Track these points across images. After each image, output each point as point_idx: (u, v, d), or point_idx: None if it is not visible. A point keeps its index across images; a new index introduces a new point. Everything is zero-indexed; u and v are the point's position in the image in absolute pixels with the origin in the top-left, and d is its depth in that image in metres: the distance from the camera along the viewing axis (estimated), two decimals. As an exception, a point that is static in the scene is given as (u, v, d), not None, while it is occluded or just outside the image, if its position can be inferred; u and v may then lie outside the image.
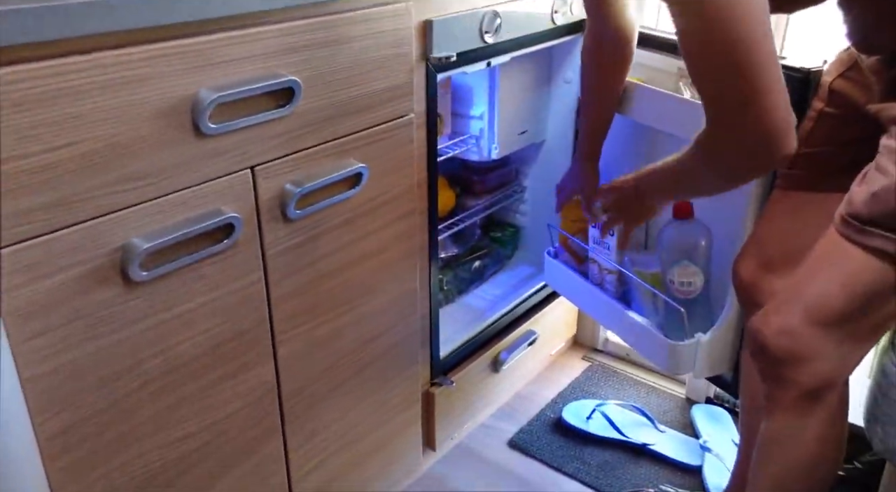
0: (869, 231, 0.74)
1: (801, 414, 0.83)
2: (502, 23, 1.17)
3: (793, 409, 0.83)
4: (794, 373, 0.80)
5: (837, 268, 0.77)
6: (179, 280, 0.82)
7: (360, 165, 0.98)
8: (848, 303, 0.77)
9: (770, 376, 0.84)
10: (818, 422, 0.83)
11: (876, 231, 0.74)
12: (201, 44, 0.76)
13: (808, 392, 0.81)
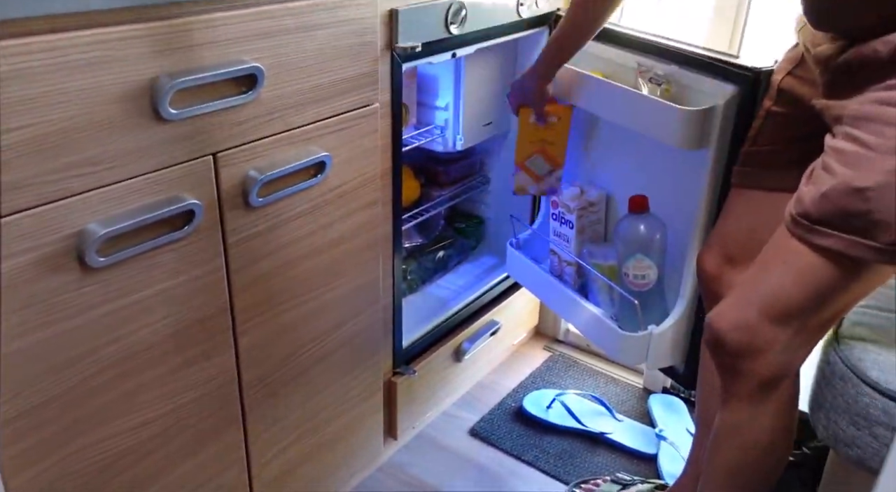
0: (819, 230, 0.76)
1: (755, 404, 0.86)
2: (468, 14, 1.17)
3: (747, 399, 0.86)
4: (749, 365, 0.83)
5: (790, 265, 0.80)
6: (138, 267, 0.81)
7: (324, 154, 0.98)
8: (801, 299, 0.79)
9: (726, 369, 0.87)
10: (771, 412, 0.86)
11: (826, 230, 0.76)
12: (163, 28, 0.75)
13: (762, 383, 0.84)
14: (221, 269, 0.91)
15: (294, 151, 0.95)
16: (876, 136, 0.72)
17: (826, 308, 0.81)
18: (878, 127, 0.72)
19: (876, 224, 0.73)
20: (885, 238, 0.72)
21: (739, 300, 0.84)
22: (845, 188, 0.74)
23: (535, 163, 1.35)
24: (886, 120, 0.71)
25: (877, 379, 0.81)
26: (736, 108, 1.02)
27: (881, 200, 0.72)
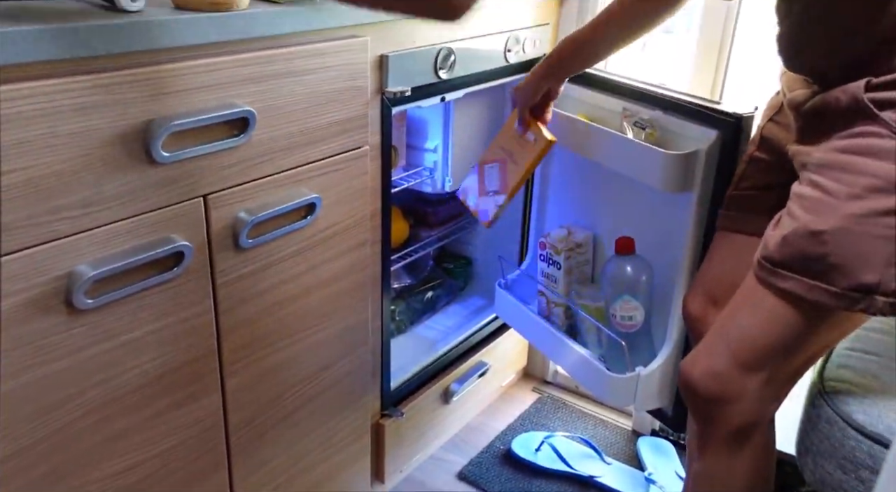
0: (780, 273, 0.77)
1: (730, 451, 0.86)
2: (456, 60, 1.20)
3: (723, 446, 0.86)
4: (721, 413, 0.83)
5: (757, 311, 0.81)
6: (126, 308, 0.81)
7: (314, 195, 0.99)
8: (770, 345, 0.80)
9: (700, 415, 0.87)
10: (747, 458, 0.86)
11: (787, 273, 0.77)
12: (156, 73, 0.76)
13: (736, 431, 0.84)
14: (210, 310, 0.91)
15: (284, 192, 0.95)
16: (836, 182, 0.74)
17: (796, 354, 0.81)
18: (839, 174, 0.73)
19: (833, 268, 0.74)
20: (842, 283, 0.74)
21: (711, 347, 0.85)
22: (804, 232, 0.75)
23: (491, 173, 1.26)
24: (846, 167, 0.73)
25: (862, 423, 0.81)
26: (718, 153, 1.05)
27: (838, 244, 0.73)
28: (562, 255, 1.28)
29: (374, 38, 1.03)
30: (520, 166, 1.19)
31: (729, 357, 0.82)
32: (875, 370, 0.90)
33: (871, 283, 0.73)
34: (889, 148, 0.70)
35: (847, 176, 0.73)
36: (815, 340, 0.81)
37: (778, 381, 0.83)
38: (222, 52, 0.83)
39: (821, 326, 0.79)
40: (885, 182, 0.70)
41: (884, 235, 0.71)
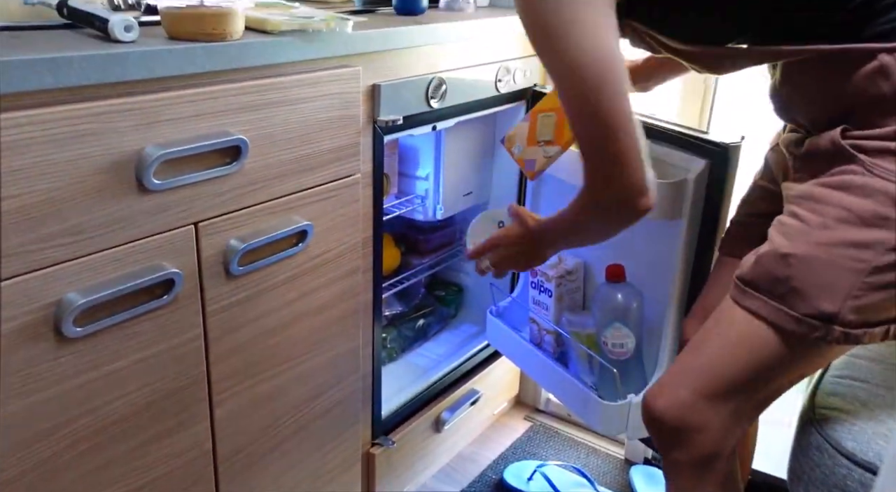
0: (749, 293, 0.79)
1: (695, 479, 0.86)
2: (448, 89, 1.21)
3: (688, 474, 0.86)
4: (684, 443, 0.84)
5: (725, 336, 0.82)
6: (115, 336, 0.80)
7: (306, 223, 0.99)
8: (734, 375, 0.81)
9: (662, 445, 0.87)
10: (712, 485, 0.86)
11: (754, 293, 0.78)
12: (149, 102, 0.77)
13: (699, 460, 0.84)
14: (200, 338, 0.90)
15: (276, 220, 0.96)
16: (810, 212, 0.76)
17: (760, 385, 0.82)
18: (814, 205, 0.76)
19: (796, 292, 0.75)
20: (802, 308, 0.75)
21: (675, 376, 0.86)
22: (774, 254, 0.77)
23: (546, 121, 1.16)
24: (821, 199, 0.75)
25: (852, 450, 0.81)
26: (707, 181, 1.06)
27: (802, 268, 0.74)
28: (552, 282, 1.29)
29: (366, 68, 1.05)
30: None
31: (693, 387, 0.82)
32: (864, 397, 0.90)
33: (830, 311, 0.74)
34: (861, 184, 0.72)
35: (820, 207, 0.75)
36: (781, 370, 0.81)
37: (742, 411, 0.83)
38: (216, 81, 0.84)
39: (785, 355, 0.79)
40: (854, 215, 0.72)
41: (848, 267, 0.73)
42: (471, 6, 1.36)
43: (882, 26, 0.70)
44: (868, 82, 0.72)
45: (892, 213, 0.70)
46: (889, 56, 0.70)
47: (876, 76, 0.71)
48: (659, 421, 0.85)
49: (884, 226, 0.71)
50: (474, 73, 1.27)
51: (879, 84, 0.71)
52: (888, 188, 0.70)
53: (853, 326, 0.74)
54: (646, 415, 0.87)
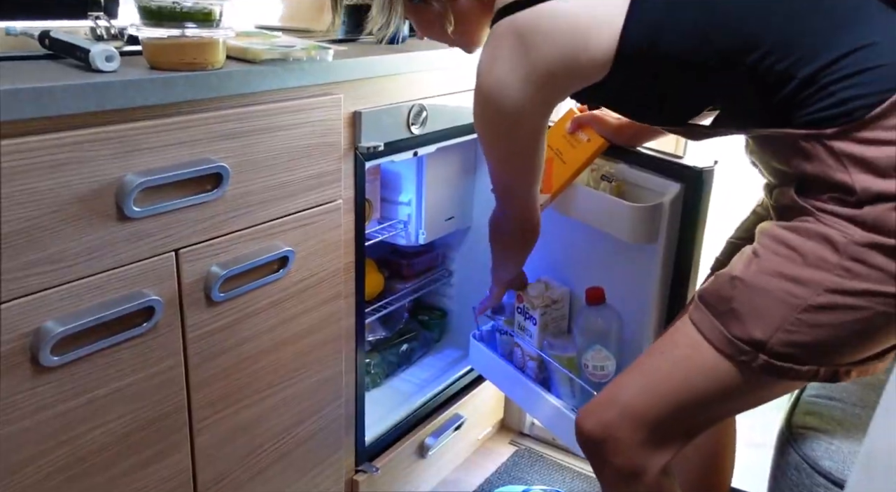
0: (699, 307, 0.82)
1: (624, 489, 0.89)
2: (428, 116, 1.23)
3: (615, 486, 0.90)
4: (605, 457, 0.87)
5: (666, 354, 0.85)
6: (94, 365, 0.80)
7: (287, 249, 0.99)
8: (666, 397, 0.83)
9: (588, 457, 0.91)
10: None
11: (702, 307, 0.82)
12: (130, 130, 0.78)
13: (624, 475, 0.87)
14: (180, 365, 0.90)
15: (257, 246, 0.96)
16: (765, 248, 0.80)
17: (690, 410, 0.83)
18: (770, 242, 0.79)
19: (733, 313, 0.78)
20: (734, 330, 0.78)
21: (609, 396, 0.88)
22: (726, 275, 0.81)
23: None
24: (778, 237, 0.79)
25: (829, 469, 0.82)
26: (682, 205, 1.08)
27: (745, 292, 0.78)
28: (538, 310, 1.29)
29: (348, 96, 1.06)
30: (569, 165, 1.17)
31: (623, 407, 0.85)
32: (839, 416, 0.91)
33: (759, 338, 0.77)
34: (808, 228, 0.76)
35: (774, 244, 0.79)
36: (710, 396, 0.82)
37: (670, 435, 0.86)
38: (197, 109, 0.85)
39: (717, 380, 0.81)
40: (797, 254, 0.76)
41: (783, 299, 0.76)
42: (451, 35, 1.38)
43: (810, 116, 0.75)
44: (795, 161, 0.78)
45: (830, 256, 0.74)
46: (807, 143, 0.75)
47: (799, 157, 0.77)
48: (584, 437, 0.89)
49: (822, 267, 0.74)
50: (454, 99, 1.29)
51: (803, 165, 0.77)
52: (829, 234, 0.74)
53: (780, 359, 0.77)
54: (576, 433, 0.91)
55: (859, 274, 0.73)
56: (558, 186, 1.18)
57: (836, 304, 0.74)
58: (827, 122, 0.74)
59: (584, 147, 1.17)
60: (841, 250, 0.73)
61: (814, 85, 0.75)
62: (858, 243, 0.73)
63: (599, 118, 1.16)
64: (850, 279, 0.73)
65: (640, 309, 1.17)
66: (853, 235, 0.73)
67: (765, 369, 0.77)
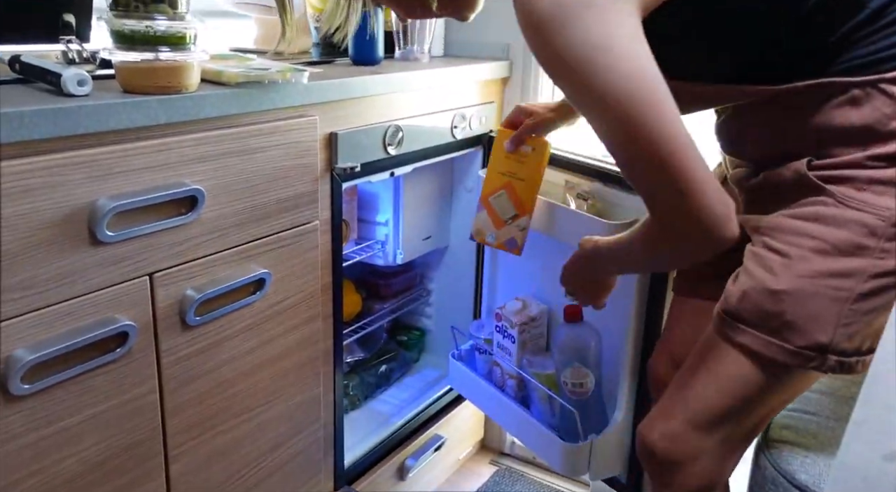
0: (739, 328, 0.80)
1: None
2: (404, 136, 1.24)
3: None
4: (679, 475, 0.84)
5: (712, 369, 0.83)
6: (66, 392, 0.78)
7: (264, 271, 0.99)
8: (724, 404, 0.82)
9: (658, 479, 0.88)
10: None
11: (745, 328, 0.79)
12: (102, 154, 0.77)
13: (694, 488, 0.85)
14: (154, 391, 0.89)
15: (233, 269, 0.95)
16: (787, 245, 0.78)
17: (750, 413, 0.83)
18: (790, 237, 0.78)
19: (789, 326, 0.77)
20: (796, 341, 0.76)
21: (666, 409, 0.86)
22: (762, 289, 0.78)
23: (500, 201, 1.18)
24: (796, 231, 0.77)
25: (805, 482, 0.83)
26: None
27: (793, 303, 0.76)
28: (516, 328, 1.30)
29: (324, 117, 1.06)
30: (528, 181, 1.16)
31: (685, 419, 0.83)
32: (814, 430, 0.92)
33: (824, 342, 0.76)
34: (833, 215, 0.75)
35: (797, 239, 0.77)
36: (769, 399, 0.82)
37: (733, 441, 0.84)
38: (171, 132, 0.85)
39: (775, 384, 0.81)
40: (831, 246, 0.75)
41: (831, 296, 0.75)
42: (425, 56, 1.39)
43: (871, 56, 0.73)
44: (836, 113, 0.74)
45: (868, 241, 0.73)
46: (860, 90, 0.73)
47: (846, 108, 0.74)
48: (651, 453, 0.86)
49: (861, 254, 0.74)
50: (430, 120, 1.30)
51: (848, 114, 0.74)
52: (862, 218, 0.73)
53: (847, 355, 0.76)
54: (640, 448, 0.88)
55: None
56: (530, 202, 1.17)
57: (883, 286, 0.74)
58: (888, 62, 0.71)
59: (532, 158, 1.16)
60: (880, 234, 0.72)
61: (881, 19, 0.71)
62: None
63: (532, 112, 1.13)
64: (890, 259, 0.72)
65: (619, 325, 1.18)
66: (890, 215, 0.72)
67: (835, 369, 0.76)
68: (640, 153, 0.68)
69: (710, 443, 0.83)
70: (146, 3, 0.82)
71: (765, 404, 0.83)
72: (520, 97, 1.50)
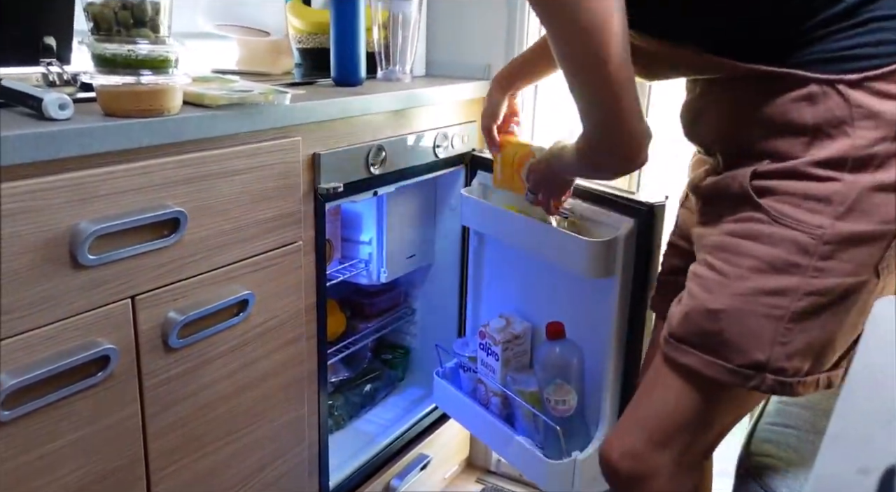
0: (682, 349, 0.81)
1: None
2: (387, 156, 1.25)
3: None
4: (639, 490, 0.86)
5: (664, 388, 0.84)
6: (46, 418, 0.78)
7: (247, 292, 0.99)
8: (677, 423, 0.83)
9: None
10: None
11: (688, 349, 0.81)
12: (84, 177, 0.77)
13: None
14: (137, 414, 0.88)
15: (216, 290, 0.95)
16: (725, 263, 0.79)
17: (703, 431, 0.84)
18: (727, 255, 0.79)
19: (727, 345, 0.78)
20: (735, 359, 0.77)
21: (625, 428, 0.88)
22: (701, 309, 0.79)
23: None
24: (733, 249, 0.78)
25: (787, 496, 0.84)
26: (636, 239, 1.11)
27: (730, 321, 0.77)
28: (499, 346, 1.30)
29: (306, 138, 1.07)
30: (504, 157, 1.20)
31: (642, 437, 0.84)
32: (795, 444, 0.93)
33: (761, 360, 0.76)
34: (768, 233, 0.76)
35: (734, 257, 0.78)
36: (721, 415, 0.84)
37: (691, 456, 0.85)
38: (153, 155, 0.85)
39: (724, 401, 0.82)
40: (764, 264, 0.76)
41: (767, 314, 0.76)
42: (407, 76, 1.41)
43: (836, 53, 0.73)
44: (792, 107, 0.75)
45: (800, 260, 0.74)
46: (818, 86, 0.73)
47: (802, 103, 0.74)
48: (614, 471, 0.87)
49: (795, 272, 0.74)
50: (413, 139, 1.31)
51: (803, 110, 0.74)
52: (795, 236, 0.74)
53: (787, 375, 0.77)
54: (602, 467, 0.89)
55: (833, 270, 0.73)
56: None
57: (819, 304, 0.74)
58: (851, 61, 0.71)
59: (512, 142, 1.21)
60: (812, 252, 0.73)
61: (854, 17, 0.71)
62: (829, 242, 0.72)
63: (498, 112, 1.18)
64: (824, 277, 0.73)
65: (601, 342, 1.18)
66: (822, 234, 0.72)
67: (775, 389, 0.77)
68: (594, 79, 0.75)
69: (668, 460, 0.84)
70: (128, 28, 0.82)
71: (716, 421, 0.84)
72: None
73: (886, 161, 0.72)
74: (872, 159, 0.72)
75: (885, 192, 0.72)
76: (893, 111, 0.71)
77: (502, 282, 1.43)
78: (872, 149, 0.71)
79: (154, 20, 0.84)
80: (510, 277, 1.41)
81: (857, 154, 0.72)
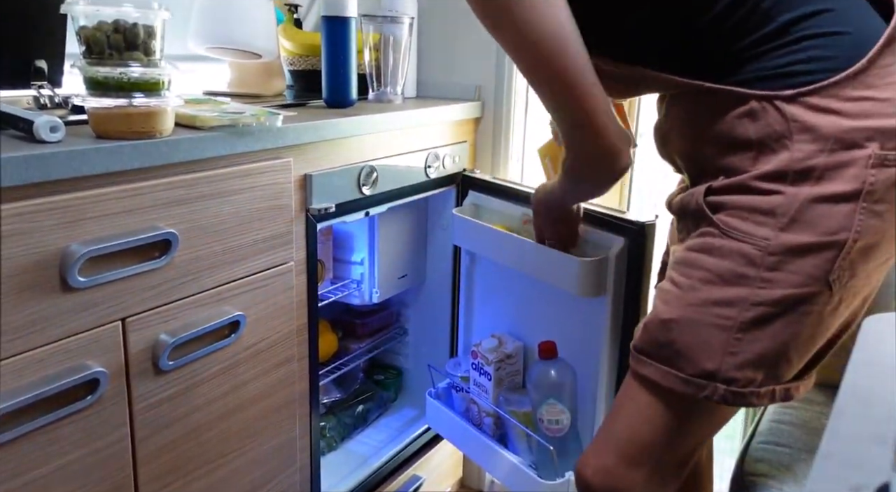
0: (642, 360, 0.82)
1: None
2: (379, 176, 1.25)
3: None
4: None
5: (631, 404, 0.85)
6: (33, 444, 0.77)
7: (238, 313, 0.98)
8: (646, 438, 0.83)
9: None
10: None
11: (646, 360, 0.82)
12: (74, 200, 0.77)
13: None
14: (126, 438, 0.87)
15: (207, 312, 0.95)
16: (683, 276, 0.80)
17: (674, 445, 0.84)
18: (686, 269, 0.80)
19: (679, 354, 0.79)
20: (687, 369, 0.78)
21: (598, 445, 0.88)
22: (657, 320, 0.81)
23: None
24: (692, 263, 0.80)
25: (781, 515, 0.84)
26: (626, 258, 1.11)
27: (681, 331, 0.78)
28: (492, 366, 1.30)
29: (298, 159, 1.07)
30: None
31: (614, 453, 0.85)
32: (787, 462, 0.93)
33: (711, 369, 0.77)
34: (719, 246, 0.77)
35: (690, 270, 0.80)
36: (691, 428, 0.84)
37: (664, 472, 0.86)
38: (145, 177, 0.85)
39: (692, 414, 0.82)
40: (715, 275, 0.77)
41: (716, 324, 0.77)
42: (398, 97, 1.42)
43: (771, 71, 0.74)
44: (737, 123, 0.76)
45: (748, 271, 0.75)
46: (758, 103, 0.75)
47: (745, 119, 0.76)
48: (588, 488, 0.87)
49: (743, 283, 0.75)
50: (404, 160, 1.31)
51: (746, 126, 0.76)
52: (742, 248, 0.75)
53: (738, 385, 0.77)
54: (578, 484, 0.89)
55: (781, 281, 0.74)
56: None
57: (767, 315, 0.75)
58: (785, 78, 0.73)
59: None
60: (758, 263, 0.74)
61: (787, 35, 0.73)
62: (774, 253, 0.74)
63: None
64: (772, 288, 0.74)
65: (593, 362, 1.18)
66: (767, 245, 0.74)
67: (727, 399, 0.77)
68: (552, 87, 0.78)
69: (641, 476, 0.84)
70: (120, 51, 0.83)
71: (687, 434, 0.84)
72: (491, 136, 1.52)
73: (825, 173, 0.73)
74: (812, 171, 0.73)
75: (827, 203, 0.73)
76: (828, 125, 0.72)
77: (494, 301, 1.43)
78: (811, 161, 0.73)
79: (146, 43, 0.84)
80: (502, 296, 1.41)
81: (797, 167, 0.73)
